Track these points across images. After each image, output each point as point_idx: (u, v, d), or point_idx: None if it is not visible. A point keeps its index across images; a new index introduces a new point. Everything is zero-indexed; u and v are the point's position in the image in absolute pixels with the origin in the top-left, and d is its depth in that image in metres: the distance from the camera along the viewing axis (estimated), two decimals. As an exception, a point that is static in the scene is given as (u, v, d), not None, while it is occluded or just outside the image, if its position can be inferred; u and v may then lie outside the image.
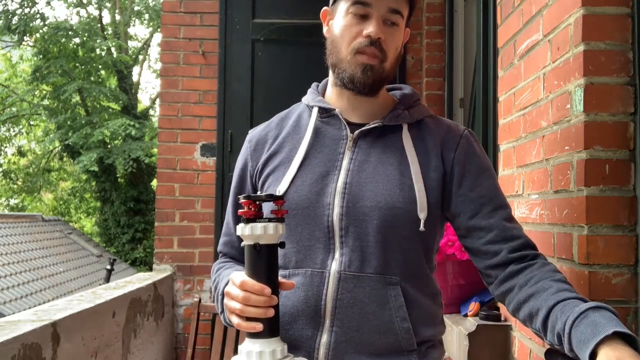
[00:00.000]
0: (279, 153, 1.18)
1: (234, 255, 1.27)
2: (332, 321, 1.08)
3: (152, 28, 15.48)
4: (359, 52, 1.10)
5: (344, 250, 1.09)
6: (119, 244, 13.56)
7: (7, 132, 16.72)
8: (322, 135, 1.16)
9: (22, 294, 7.55)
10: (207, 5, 3.66)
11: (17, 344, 1.68)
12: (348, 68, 1.12)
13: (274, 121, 1.26)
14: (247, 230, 0.99)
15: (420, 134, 1.15)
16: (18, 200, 17.34)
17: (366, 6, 1.09)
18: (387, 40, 1.10)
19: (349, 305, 1.07)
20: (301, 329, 1.10)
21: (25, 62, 16.00)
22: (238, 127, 3.57)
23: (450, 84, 3.46)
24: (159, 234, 3.59)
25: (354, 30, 1.10)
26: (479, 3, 2.65)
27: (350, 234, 1.08)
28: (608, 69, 1.22)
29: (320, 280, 1.09)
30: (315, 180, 1.12)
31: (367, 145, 1.14)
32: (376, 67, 1.11)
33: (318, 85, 1.27)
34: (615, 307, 1.19)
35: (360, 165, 1.12)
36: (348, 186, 1.10)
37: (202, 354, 3.36)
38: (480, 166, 1.13)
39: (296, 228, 1.12)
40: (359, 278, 1.07)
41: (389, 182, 1.09)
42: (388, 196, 1.08)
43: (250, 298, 0.96)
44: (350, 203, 1.09)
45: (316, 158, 1.14)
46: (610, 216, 1.20)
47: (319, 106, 1.18)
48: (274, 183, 1.15)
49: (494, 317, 1.79)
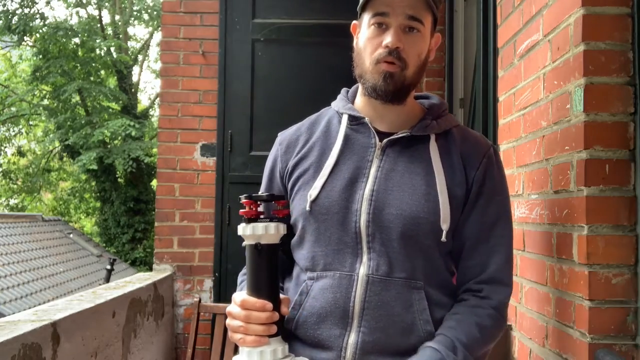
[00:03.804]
0: (309, 156, 1.22)
1: None
2: (360, 322, 1.11)
3: (152, 28, 15.48)
4: (379, 62, 1.14)
5: (372, 255, 1.12)
6: (119, 244, 13.55)
7: (7, 132, 16.71)
8: (351, 143, 1.20)
9: (22, 294, 7.55)
10: (207, 5, 3.66)
11: (17, 344, 1.68)
12: (371, 78, 1.16)
13: (305, 125, 1.29)
14: (249, 230, 1.00)
15: (447, 146, 1.19)
16: (18, 200, 17.33)
17: (384, 16, 1.13)
18: (406, 49, 1.13)
19: (376, 307, 1.11)
20: (329, 329, 1.13)
21: (25, 62, 15.99)
22: (238, 127, 3.57)
23: (450, 84, 3.46)
24: (159, 234, 3.59)
25: (375, 42, 1.14)
26: (479, 3, 2.66)
27: (376, 239, 1.12)
28: (608, 69, 1.22)
29: (348, 282, 1.12)
30: (344, 186, 1.15)
31: (395, 154, 1.17)
32: (396, 75, 1.14)
33: (348, 92, 1.30)
34: (615, 307, 1.20)
35: (387, 174, 1.15)
36: (375, 193, 1.14)
37: (202, 354, 3.36)
38: (494, 190, 1.18)
39: (325, 232, 1.15)
40: (386, 282, 1.11)
41: (415, 192, 1.13)
42: (413, 205, 1.12)
43: (252, 316, 1.01)
44: (376, 210, 1.13)
45: (345, 164, 1.18)
46: (610, 216, 1.20)
47: (349, 114, 1.21)
48: (304, 186, 1.19)
49: (494, 317, 1.79)
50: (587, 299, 1.20)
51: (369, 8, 1.15)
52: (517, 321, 1.67)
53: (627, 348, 1.19)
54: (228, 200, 3.53)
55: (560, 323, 1.34)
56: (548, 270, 1.42)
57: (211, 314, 3.34)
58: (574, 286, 1.26)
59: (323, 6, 3.42)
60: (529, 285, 1.57)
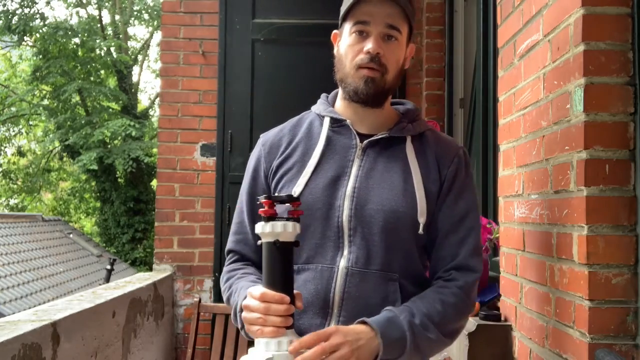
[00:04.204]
0: (292, 156, 1.29)
1: (246, 253, 1.33)
2: (340, 311, 1.19)
3: (152, 28, 15.48)
4: (361, 67, 1.21)
5: (352, 248, 1.20)
6: (119, 244, 13.55)
7: (7, 132, 16.71)
8: (333, 143, 1.27)
9: (22, 294, 7.55)
10: (207, 5, 3.66)
11: (17, 344, 1.68)
12: (352, 82, 1.23)
13: (287, 127, 1.36)
14: (268, 228, 1.06)
15: (422, 147, 1.28)
16: (18, 200, 17.34)
17: (365, 25, 1.20)
18: (386, 55, 1.21)
19: (355, 297, 1.19)
20: (311, 318, 1.20)
21: (25, 62, 15.99)
22: (238, 127, 3.57)
23: (450, 84, 3.46)
24: (159, 234, 3.59)
25: (356, 48, 1.21)
26: (479, 3, 2.66)
27: (357, 233, 1.20)
28: (608, 69, 1.22)
29: (329, 274, 1.20)
30: (327, 184, 1.23)
31: (375, 154, 1.25)
32: (377, 79, 1.21)
33: (327, 97, 1.37)
34: (615, 307, 1.20)
35: (368, 172, 1.23)
36: (357, 191, 1.22)
37: (202, 354, 3.36)
38: (463, 186, 1.27)
39: (309, 227, 1.21)
40: (364, 273, 1.19)
41: (394, 189, 1.22)
42: (392, 200, 1.21)
43: (271, 308, 1.06)
44: (358, 206, 1.21)
45: (328, 163, 1.25)
46: (610, 216, 1.20)
47: (331, 116, 1.29)
48: (288, 184, 1.25)
49: (494, 317, 1.79)
50: (587, 299, 1.20)
51: (350, 17, 1.22)
52: (517, 321, 1.67)
53: (627, 348, 1.19)
54: (228, 200, 3.53)
55: (560, 323, 1.34)
56: (548, 270, 1.42)
57: (211, 314, 3.34)
58: (574, 286, 1.26)
59: (323, 6, 3.41)
60: (529, 285, 1.57)
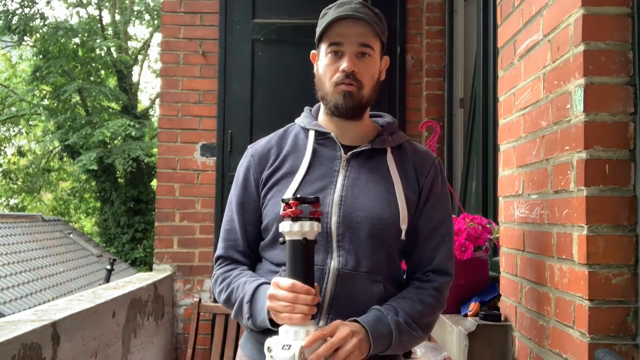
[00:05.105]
0: (282, 168, 1.36)
1: (237, 258, 1.38)
2: (329, 310, 1.26)
3: (152, 28, 15.47)
4: (338, 84, 1.30)
5: (341, 252, 1.28)
6: (119, 244, 13.54)
7: (7, 132, 16.71)
8: (319, 155, 1.35)
9: (22, 294, 7.55)
10: (207, 5, 3.66)
11: (17, 344, 1.68)
12: (332, 99, 1.31)
13: (274, 139, 1.43)
14: (296, 227, 1.14)
15: (402, 157, 1.37)
16: (18, 200, 17.33)
17: (339, 45, 1.29)
18: (361, 71, 1.29)
19: (344, 297, 1.27)
20: None
21: (25, 62, 15.98)
22: (238, 127, 3.57)
23: (450, 84, 3.46)
24: (159, 234, 3.59)
25: (333, 68, 1.30)
26: (479, 3, 2.66)
27: (345, 239, 1.28)
28: (608, 69, 1.22)
29: (320, 275, 1.26)
30: (314, 192, 1.29)
31: (358, 165, 1.34)
32: (355, 93, 1.29)
33: (311, 110, 1.44)
34: (615, 307, 1.20)
35: (353, 182, 1.32)
36: (344, 199, 1.30)
37: (202, 354, 3.36)
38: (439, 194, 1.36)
39: None
40: (353, 275, 1.27)
41: (378, 197, 1.30)
42: (377, 208, 1.29)
43: (299, 298, 1.13)
44: (345, 213, 1.29)
45: (315, 174, 1.33)
46: (610, 216, 1.20)
47: (316, 130, 1.37)
48: (278, 194, 1.32)
49: (494, 317, 1.79)
50: (587, 299, 1.20)
51: (325, 39, 1.31)
52: (517, 321, 1.67)
53: (627, 348, 1.19)
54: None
55: (560, 323, 1.34)
56: (548, 270, 1.42)
57: (211, 314, 3.34)
58: (574, 286, 1.26)
59: (323, 6, 3.41)
60: (529, 285, 1.57)
